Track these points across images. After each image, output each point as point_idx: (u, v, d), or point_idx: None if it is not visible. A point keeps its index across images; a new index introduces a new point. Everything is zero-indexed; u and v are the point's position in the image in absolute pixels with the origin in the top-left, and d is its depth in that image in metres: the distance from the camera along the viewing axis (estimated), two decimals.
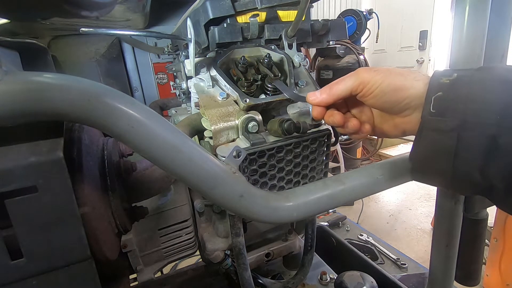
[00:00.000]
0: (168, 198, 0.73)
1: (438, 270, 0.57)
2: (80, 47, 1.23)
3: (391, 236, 2.46)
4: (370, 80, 0.41)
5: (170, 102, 1.18)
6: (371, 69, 0.42)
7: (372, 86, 0.41)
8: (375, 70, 0.42)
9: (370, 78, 0.41)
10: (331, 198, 0.48)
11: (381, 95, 0.41)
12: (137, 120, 0.34)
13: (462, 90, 0.34)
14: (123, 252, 0.69)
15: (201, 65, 0.61)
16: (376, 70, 0.42)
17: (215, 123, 0.54)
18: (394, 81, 0.40)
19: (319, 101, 0.46)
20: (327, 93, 0.45)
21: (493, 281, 1.41)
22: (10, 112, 0.31)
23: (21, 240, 0.34)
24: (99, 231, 0.42)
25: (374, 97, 0.42)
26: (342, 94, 0.44)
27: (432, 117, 0.36)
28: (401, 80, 0.40)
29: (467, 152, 0.34)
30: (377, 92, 0.41)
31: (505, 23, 0.51)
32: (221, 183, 0.40)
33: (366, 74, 0.42)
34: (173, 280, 1.03)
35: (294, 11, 0.64)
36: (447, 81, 0.36)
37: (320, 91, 0.46)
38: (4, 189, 0.32)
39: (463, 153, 0.34)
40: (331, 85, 0.45)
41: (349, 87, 0.43)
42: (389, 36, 3.94)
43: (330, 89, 0.45)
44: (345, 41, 2.92)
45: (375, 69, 0.43)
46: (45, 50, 0.58)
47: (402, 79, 0.40)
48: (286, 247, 0.85)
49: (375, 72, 0.42)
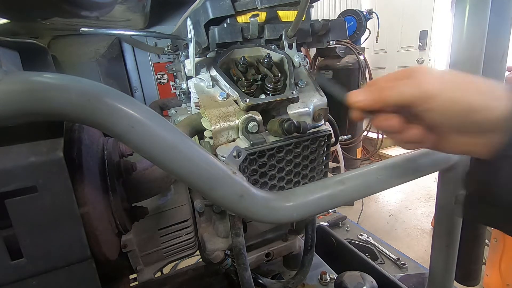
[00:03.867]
0: (168, 198, 0.72)
1: (438, 270, 0.57)
2: (80, 47, 1.24)
3: (391, 236, 2.45)
4: (437, 95, 0.32)
5: (170, 102, 1.18)
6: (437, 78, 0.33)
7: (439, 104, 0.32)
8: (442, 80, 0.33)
9: (438, 92, 0.32)
10: (331, 198, 0.48)
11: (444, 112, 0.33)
12: (137, 120, 0.34)
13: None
14: (123, 252, 0.69)
15: (201, 65, 0.61)
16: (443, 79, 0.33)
17: (215, 123, 0.54)
18: (470, 99, 0.32)
19: (363, 105, 0.38)
20: (374, 98, 0.37)
21: (493, 281, 1.41)
22: (10, 112, 0.31)
23: (21, 240, 0.34)
24: (99, 231, 0.42)
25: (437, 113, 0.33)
26: (395, 104, 0.35)
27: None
28: (476, 99, 0.32)
29: None
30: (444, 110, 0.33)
31: (505, 23, 0.51)
32: (221, 183, 0.40)
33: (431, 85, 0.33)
34: (173, 280, 1.03)
35: (294, 11, 0.64)
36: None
37: (365, 92, 0.38)
38: (4, 189, 0.32)
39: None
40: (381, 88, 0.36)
41: (407, 99, 0.34)
42: (389, 36, 3.94)
43: (380, 92, 0.36)
44: (345, 41, 2.92)
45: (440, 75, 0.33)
46: (45, 50, 0.58)
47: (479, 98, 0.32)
48: (286, 247, 0.85)
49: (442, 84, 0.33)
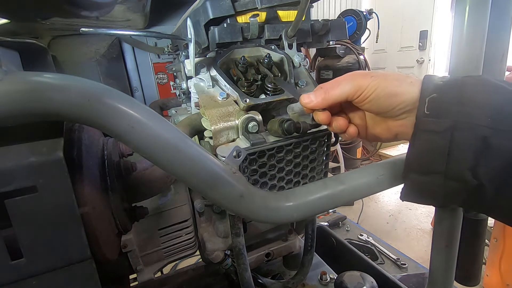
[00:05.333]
0: (168, 198, 0.73)
1: (438, 270, 0.57)
2: (80, 47, 1.23)
3: (391, 236, 2.46)
4: (367, 86, 0.41)
5: (170, 102, 1.18)
6: (367, 74, 0.42)
7: (368, 92, 0.41)
8: (371, 76, 0.42)
9: (367, 84, 0.41)
10: (331, 198, 0.48)
11: (376, 100, 0.41)
12: (137, 120, 0.34)
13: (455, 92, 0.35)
14: (123, 252, 0.69)
15: (201, 65, 0.61)
16: (373, 75, 0.42)
17: (215, 123, 0.54)
18: (389, 86, 0.40)
19: (313, 105, 0.46)
20: (322, 97, 0.45)
21: (493, 281, 1.41)
22: (10, 112, 0.31)
23: (21, 240, 0.34)
24: (99, 231, 0.42)
25: (369, 102, 0.42)
26: (338, 99, 0.44)
27: (426, 118, 0.37)
28: (396, 86, 0.40)
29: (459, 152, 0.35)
30: (372, 98, 0.41)
31: (505, 23, 0.51)
32: (221, 183, 0.40)
33: (362, 80, 0.42)
34: (173, 280, 1.03)
35: (294, 11, 0.64)
36: (441, 82, 0.37)
37: (314, 94, 0.46)
38: (4, 189, 0.32)
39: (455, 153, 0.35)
40: (326, 89, 0.45)
41: (345, 93, 0.43)
42: (389, 36, 3.94)
43: (326, 93, 0.45)
44: (345, 41, 2.92)
45: (371, 74, 0.42)
46: (45, 50, 0.58)
47: (397, 84, 0.40)
48: (286, 247, 0.85)
49: (371, 78, 0.41)
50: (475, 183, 0.35)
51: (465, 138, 0.34)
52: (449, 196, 0.38)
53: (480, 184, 0.35)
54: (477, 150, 0.34)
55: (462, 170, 0.35)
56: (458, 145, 0.35)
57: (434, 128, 0.36)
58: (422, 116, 0.37)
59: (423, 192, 0.41)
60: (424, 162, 0.38)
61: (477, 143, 0.33)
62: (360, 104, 0.43)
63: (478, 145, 0.33)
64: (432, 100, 0.36)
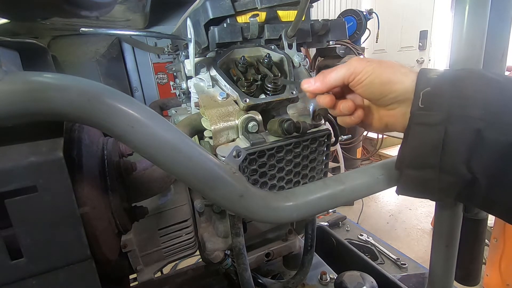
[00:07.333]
0: (168, 198, 0.72)
1: (438, 270, 0.57)
2: (80, 47, 1.24)
3: (391, 236, 2.46)
4: (362, 70, 0.42)
5: (170, 102, 1.18)
6: (363, 60, 0.43)
7: (363, 77, 0.42)
8: (368, 61, 0.42)
9: (362, 68, 0.42)
10: (331, 198, 0.48)
11: (370, 85, 0.42)
12: (137, 120, 0.34)
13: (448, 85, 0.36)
14: (123, 252, 0.69)
15: (201, 65, 0.61)
16: (369, 61, 0.43)
17: (215, 123, 0.54)
18: (383, 73, 0.41)
19: (313, 88, 0.47)
20: (320, 81, 0.46)
21: (493, 281, 1.41)
22: (10, 112, 0.31)
23: (21, 240, 0.34)
24: (99, 231, 0.42)
25: (362, 87, 0.43)
26: (335, 83, 0.45)
27: (420, 112, 0.37)
28: (390, 73, 0.41)
29: (453, 146, 0.35)
30: (366, 83, 0.42)
31: (505, 23, 0.51)
32: (221, 183, 0.40)
33: (358, 64, 0.43)
34: (173, 280, 1.03)
35: (294, 11, 0.64)
36: (435, 76, 0.37)
37: (314, 78, 0.47)
38: (4, 189, 0.32)
39: (449, 146, 0.35)
40: (325, 73, 0.46)
41: (341, 76, 0.44)
42: (389, 36, 3.93)
43: (324, 77, 0.46)
44: (345, 41, 2.91)
45: (368, 59, 0.43)
46: (45, 50, 0.58)
47: (391, 72, 0.41)
48: (286, 247, 0.85)
49: (367, 62, 0.42)
50: (469, 176, 0.35)
51: (459, 131, 0.34)
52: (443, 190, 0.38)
53: (474, 178, 0.35)
54: (471, 143, 0.34)
55: (456, 164, 0.35)
56: (452, 139, 0.35)
57: (428, 121, 0.36)
58: (416, 109, 0.37)
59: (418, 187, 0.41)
60: (419, 156, 0.38)
61: (471, 136, 0.34)
62: (355, 87, 0.44)
63: (471, 138, 0.34)
64: (426, 94, 0.37)
